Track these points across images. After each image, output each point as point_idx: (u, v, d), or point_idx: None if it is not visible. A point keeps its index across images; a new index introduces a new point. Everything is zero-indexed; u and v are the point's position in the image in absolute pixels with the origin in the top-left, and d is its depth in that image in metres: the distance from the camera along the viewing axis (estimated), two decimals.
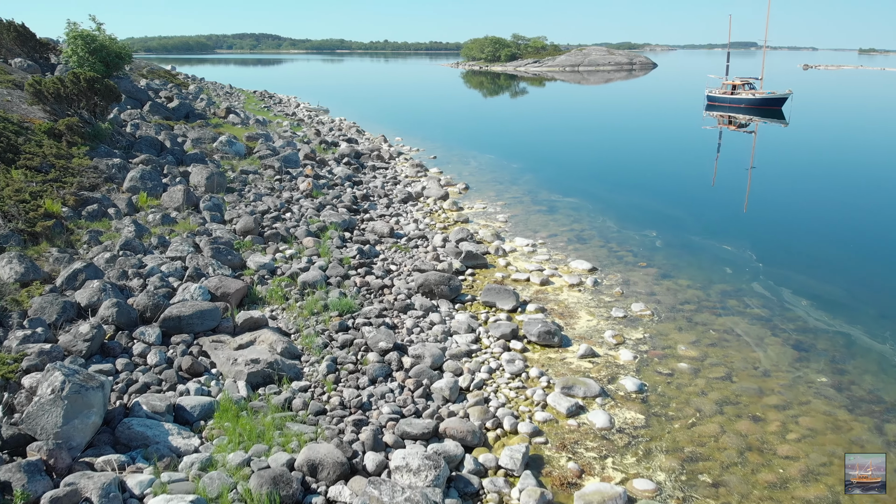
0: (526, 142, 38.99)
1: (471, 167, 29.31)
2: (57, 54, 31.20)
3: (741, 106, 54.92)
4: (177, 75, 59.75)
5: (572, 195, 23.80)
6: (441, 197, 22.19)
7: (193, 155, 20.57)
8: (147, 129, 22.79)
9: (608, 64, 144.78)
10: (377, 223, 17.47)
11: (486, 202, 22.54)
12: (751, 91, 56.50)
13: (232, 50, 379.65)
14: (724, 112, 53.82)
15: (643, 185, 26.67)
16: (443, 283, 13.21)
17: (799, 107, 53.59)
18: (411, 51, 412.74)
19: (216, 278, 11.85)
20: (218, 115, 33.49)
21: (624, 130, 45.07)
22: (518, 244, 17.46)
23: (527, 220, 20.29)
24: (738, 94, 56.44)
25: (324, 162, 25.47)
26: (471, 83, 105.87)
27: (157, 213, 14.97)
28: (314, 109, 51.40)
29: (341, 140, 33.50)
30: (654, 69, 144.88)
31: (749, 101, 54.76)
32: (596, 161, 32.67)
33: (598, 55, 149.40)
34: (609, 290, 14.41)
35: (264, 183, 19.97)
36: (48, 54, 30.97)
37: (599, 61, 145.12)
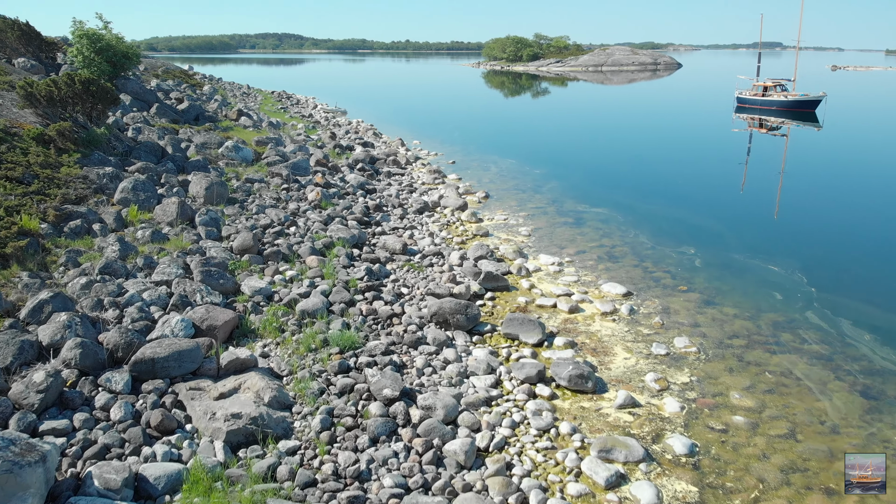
0: (549, 145, 37.38)
1: (491, 173, 27.79)
2: (65, 54, 30.10)
3: (773, 108, 52.83)
4: (193, 75, 58.88)
5: (600, 205, 22.20)
6: (459, 207, 20.70)
7: (195, 162, 19.28)
8: (149, 133, 21.56)
9: (632, 64, 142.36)
10: (389, 238, 16.03)
11: (507, 213, 21.01)
12: (783, 93, 54.37)
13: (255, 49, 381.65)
14: (755, 114, 51.77)
15: (674, 192, 24.99)
16: (459, 311, 11.72)
17: (832, 109, 51.38)
18: (432, 51, 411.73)
19: (203, 308, 10.47)
20: (229, 118, 32.28)
21: (650, 133, 43.27)
22: (543, 262, 15.91)
23: (552, 233, 18.72)
24: (769, 95, 54.35)
25: (336, 168, 24.09)
26: (492, 83, 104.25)
27: (147, 229, 13.64)
28: (331, 111, 50.19)
29: (357, 144, 32.15)
30: (678, 69, 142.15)
31: (781, 103, 52.66)
32: (623, 166, 30.99)
33: (622, 55, 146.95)
34: (647, 319, 12.82)
35: (270, 192, 18.61)
36: (55, 54, 29.94)
37: (623, 61, 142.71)
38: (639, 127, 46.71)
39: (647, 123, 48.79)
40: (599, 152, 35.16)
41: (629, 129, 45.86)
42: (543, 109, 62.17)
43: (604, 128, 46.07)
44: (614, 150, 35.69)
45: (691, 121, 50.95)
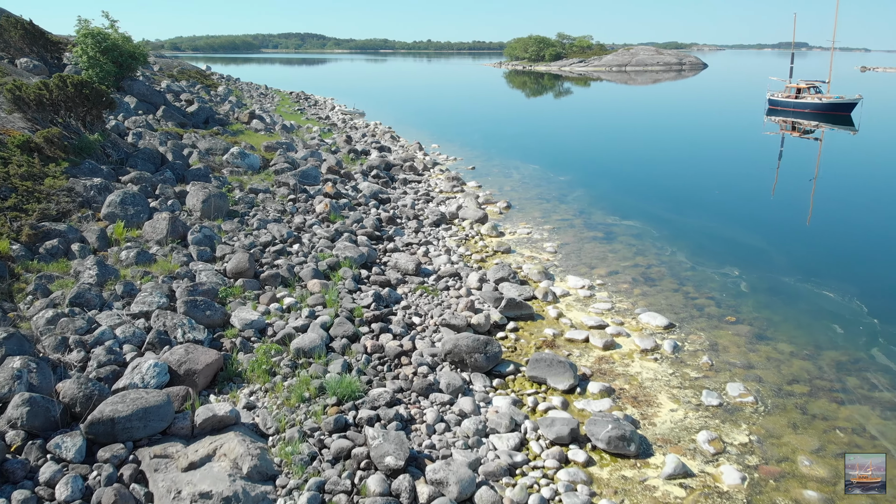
0: (573, 149, 35.71)
1: (513, 180, 26.25)
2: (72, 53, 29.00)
3: (806, 111, 50.68)
4: (210, 75, 57.95)
5: (631, 216, 20.56)
6: (479, 220, 19.19)
7: (196, 171, 17.96)
8: (150, 138, 20.30)
9: (656, 64, 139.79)
10: (401, 257, 14.55)
11: (530, 225, 19.46)
12: (817, 95, 52.17)
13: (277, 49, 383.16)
14: (788, 117, 49.65)
15: (708, 202, 23.26)
16: (477, 349, 10.21)
17: (868, 112, 49.12)
18: (454, 50, 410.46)
19: (183, 349, 9.07)
20: (241, 121, 31.05)
21: (678, 136, 41.41)
22: (571, 285, 14.35)
23: (580, 250, 17.14)
24: (802, 97, 52.16)
25: (349, 176, 22.68)
26: (513, 83, 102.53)
27: (132, 249, 12.29)
28: (349, 112, 48.94)
29: (373, 148, 30.78)
30: (704, 69, 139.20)
31: (815, 105, 50.50)
32: (652, 172, 29.25)
33: (646, 55, 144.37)
34: (693, 358, 11.22)
35: (275, 204, 17.23)
36: (61, 54, 28.88)
37: (647, 61, 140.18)
38: (666, 129, 44.85)
39: (674, 126, 46.90)
40: (626, 157, 33.44)
41: (656, 131, 44.03)
42: (567, 111, 60.37)
43: (630, 130, 44.26)
44: (642, 155, 33.95)
45: (720, 123, 48.93)
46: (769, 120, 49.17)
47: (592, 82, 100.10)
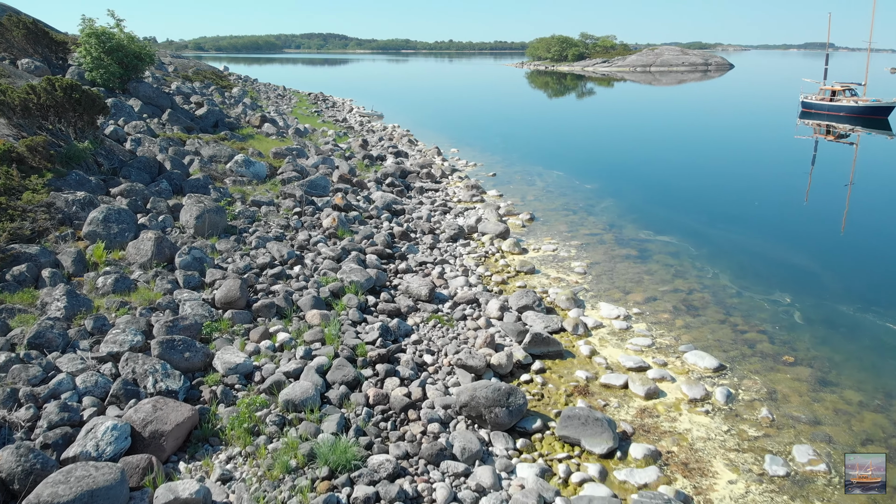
0: (599, 154, 34.01)
1: (536, 188, 24.69)
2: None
3: (841, 114, 48.46)
4: (226, 76, 56.98)
5: (665, 231, 18.93)
6: (500, 234, 17.67)
7: (195, 181, 16.64)
8: (150, 145, 19.04)
9: (682, 64, 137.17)
10: (414, 281, 13.07)
11: (556, 240, 17.90)
12: (853, 98, 49.88)
13: (300, 49, 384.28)
14: (822, 121, 47.49)
15: (745, 213, 21.50)
16: (498, 402, 8.70)
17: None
18: (476, 50, 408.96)
19: (151, 404, 7.68)
20: (252, 124, 29.79)
21: (708, 140, 39.50)
22: (604, 314, 12.78)
23: (612, 271, 15.55)
24: (837, 100, 49.91)
25: (362, 185, 21.28)
26: (535, 84, 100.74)
27: (110, 275, 10.95)
28: (367, 115, 47.66)
29: (389, 153, 29.37)
30: (730, 70, 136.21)
31: (851, 109, 48.24)
32: (683, 179, 27.51)
33: (671, 55, 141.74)
34: (750, 411, 9.61)
35: (278, 218, 15.85)
36: (66, 54, 27.80)
37: (672, 61, 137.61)
38: (694, 133, 42.97)
39: (702, 129, 44.96)
40: (655, 162, 31.68)
41: (684, 135, 42.17)
42: (591, 113, 58.49)
43: (657, 134, 42.41)
44: (671, 160, 32.18)
45: (750, 126, 46.84)
46: (802, 123, 47.11)
47: (616, 83, 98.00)
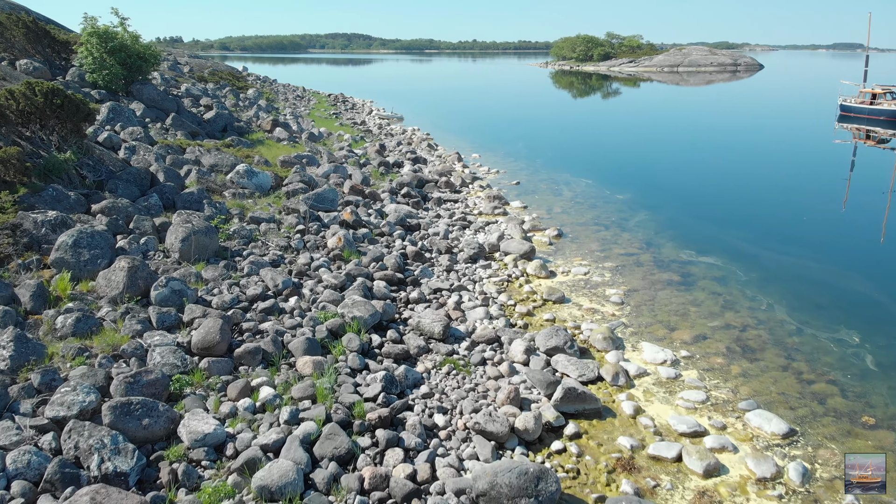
0: (629, 161, 32.00)
1: (563, 199, 22.88)
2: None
3: (882, 118, 45.87)
4: (244, 76, 55.78)
5: (708, 250, 17.06)
6: (524, 255, 15.92)
7: (188, 196, 15.10)
8: (145, 154, 17.56)
9: (710, 65, 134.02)
10: (426, 315, 11.37)
11: (587, 261, 16.12)
12: (894, 101, 47.26)
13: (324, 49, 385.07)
14: (861, 125, 44.98)
15: (796, 231, 19.49)
16: (524, 491, 6.96)
17: None
18: (499, 50, 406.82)
19: (89, 496, 6.08)
20: (263, 128, 28.32)
21: (742, 144, 37.18)
22: (648, 358, 10.98)
23: (653, 300, 13.72)
24: (878, 103, 47.28)
25: (375, 196, 19.64)
26: (561, 84, 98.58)
27: (72, 314, 9.40)
28: (387, 117, 46.12)
29: (407, 159, 27.74)
30: (759, 71, 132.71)
31: (893, 112, 45.66)
32: (721, 189, 25.46)
33: (700, 55, 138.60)
34: (831, 493, 7.77)
35: (278, 238, 14.25)
36: (69, 55, 26.52)
37: (700, 61, 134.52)
38: (727, 137, 40.71)
39: (735, 133, 42.66)
40: (689, 169, 29.66)
41: (717, 139, 39.96)
42: (619, 115, 56.24)
43: (689, 138, 40.27)
44: (705, 167, 30.13)
45: (786, 130, 44.51)
46: (840, 127, 44.67)
47: (644, 84, 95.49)
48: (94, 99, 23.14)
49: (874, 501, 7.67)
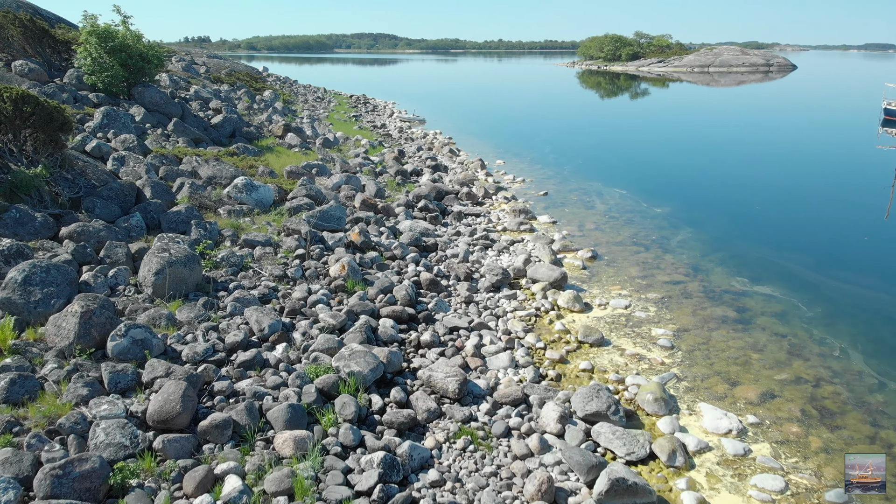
0: (665, 169, 29.81)
1: (596, 213, 20.89)
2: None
3: None
4: (263, 77, 54.39)
5: (763, 278, 15.01)
6: (554, 283, 13.99)
7: (175, 215, 13.40)
8: (135, 165, 15.93)
9: (742, 65, 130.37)
10: (439, 368, 9.50)
11: (627, 291, 14.15)
12: None
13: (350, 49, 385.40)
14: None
15: (858, 254, 17.26)
16: None
17: None
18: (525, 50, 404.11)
19: None
20: (274, 134, 26.67)
21: (784, 150, 34.71)
22: (709, 426, 8.99)
23: (708, 344, 11.72)
24: None
25: (389, 211, 17.84)
26: (588, 85, 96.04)
27: (7, 374, 7.69)
28: (408, 120, 44.37)
29: (426, 167, 25.94)
30: (792, 71, 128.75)
31: None
32: (766, 202, 23.14)
33: (731, 55, 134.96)
34: None
35: (273, 265, 12.48)
36: (71, 55, 25.09)
37: (732, 62, 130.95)
38: (766, 142, 38.25)
39: (775, 137, 40.15)
40: (729, 178, 27.36)
41: (756, 144, 37.51)
42: (651, 118, 53.70)
43: (726, 143, 37.85)
44: (747, 176, 27.80)
45: (828, 134, 41.95)
46: (885, 132, 41.99)
47: (674, 84, 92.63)
48: (92, 103, 21.64)
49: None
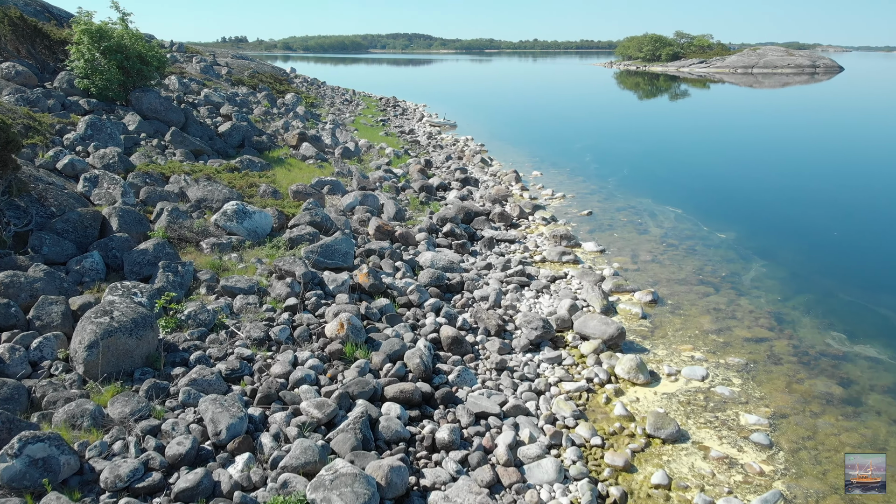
0: (723, 182, 26.61)
1: (650, 238, 18.01)
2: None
3: None
4: (286, 79, 52.23)
5: (863, 333, 12.10)
6: (610, 341, 11.21)
7: (141, 254, 10.91)
8: (110, 186, 13.53)
9: (787, 66, 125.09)
10: (458, 495, 6.82)
11: (702, 352, 11.30)
12: None
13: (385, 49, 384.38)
14: None
15: None
16: None
17: None
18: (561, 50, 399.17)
19: None
20: (288, 143, 24.24)
21: (851, 162, 31.26)
22: None
23: (814, 436, 8.82)
24: None
25: (408, 240, 15.20)
26: (626, 85, 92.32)
27: None
28: (438, 124, 41.76)
29: (455, 180, 23.33)
30: (839, 73, 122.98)
31: None
32: (846, 225, 19.84)
33: (775, 56, 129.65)
34: None
35: (255, 323, 9.91)
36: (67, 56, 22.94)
37: (777, 63, 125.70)
38: (829, 151, 34.76)
39: (837, 146, 36.60)
40: (798, 196, 24.10)
41: (819, 154, 34.06)
42: (699, 123, 49.98)
43: (790, 153, 34.45)
44: (818, 192, 24.49)
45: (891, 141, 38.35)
46: None
47: (718, 86, 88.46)
48: (82, 110, 19.40)
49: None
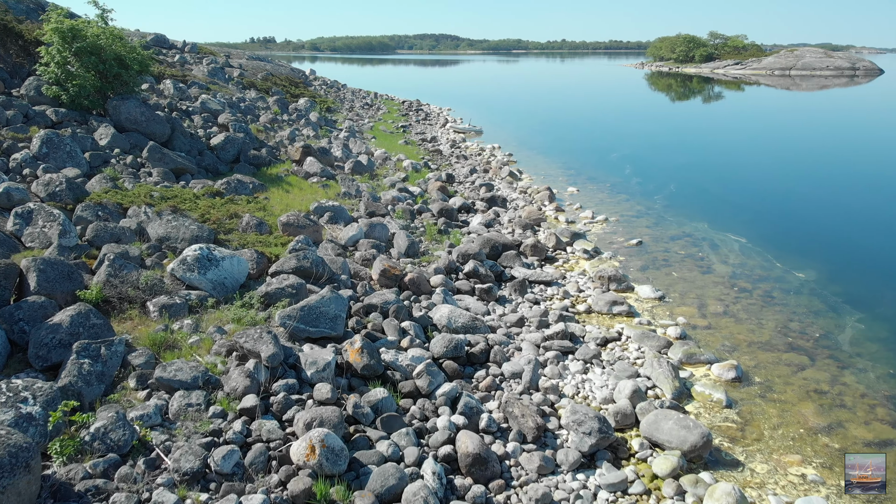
0: (790, 205, 23.01)
1: (717, 279, 14.86)
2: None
3: None
4: (304, 82, 49.57)
5: None
6: (692, 453, 8.10)
7: (53, 330, 8.04)
8: (46, 223, 10.72)
9: (826, 68, 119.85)
10: None
11: (814, 467, 8.14)
12: None
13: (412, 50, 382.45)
14: None
15: None
16: None
17: None
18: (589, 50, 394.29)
19: None
20: (291, 158, 21.39)
21: None
22: None
23: None
24: None
25: (419, 286, 12.20)
26: (659, 87, 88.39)
27: None
28: (463, 131, 38.81)
29: (480, 199, 20.37)
30: (880, 76, 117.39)
31: None
32: None
33: (814, 58, 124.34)
34: None
35: (192, 441, 6.98)
36: None
37: (815, 65, 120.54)
38: None
39: None
40: (881, 221, 20.74)
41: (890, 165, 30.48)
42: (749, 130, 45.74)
43: (859, 167, 30.90)
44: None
45: None
46: None
47: (755, 88, 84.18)
48: (49, 121, 16.74)
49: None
